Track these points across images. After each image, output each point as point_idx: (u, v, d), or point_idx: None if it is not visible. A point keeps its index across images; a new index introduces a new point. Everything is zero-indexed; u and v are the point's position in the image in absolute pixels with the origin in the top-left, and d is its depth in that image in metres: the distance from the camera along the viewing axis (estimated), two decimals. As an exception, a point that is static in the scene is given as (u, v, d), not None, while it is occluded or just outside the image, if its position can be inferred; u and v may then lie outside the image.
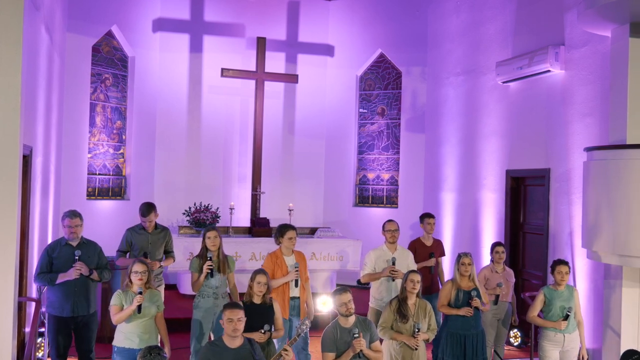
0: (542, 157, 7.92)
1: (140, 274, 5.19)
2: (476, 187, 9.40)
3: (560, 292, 5.97)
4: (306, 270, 6.32)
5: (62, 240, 5.72)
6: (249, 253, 9.19)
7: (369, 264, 6.46)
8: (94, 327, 5.80)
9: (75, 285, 5.58)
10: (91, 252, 5.74)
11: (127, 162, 10.66)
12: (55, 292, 5.61)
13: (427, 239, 7.44)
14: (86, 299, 5.67)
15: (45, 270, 5.59)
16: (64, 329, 5.64)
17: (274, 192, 11.09)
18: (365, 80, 11.76)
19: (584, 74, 7.27)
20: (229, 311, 4.63)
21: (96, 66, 10.14)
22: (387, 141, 11.58)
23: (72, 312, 5.60)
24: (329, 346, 5.02)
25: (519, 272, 8.35)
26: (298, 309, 6.15)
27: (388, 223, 6.61)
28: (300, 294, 6.16)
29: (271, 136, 11.15)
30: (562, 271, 5.93)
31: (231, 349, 4.59)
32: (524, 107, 8.35)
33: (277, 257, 6.15)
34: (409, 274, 5.66)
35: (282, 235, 6.18)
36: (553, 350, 5.93)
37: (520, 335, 7.65)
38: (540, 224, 8.02)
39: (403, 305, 5.60)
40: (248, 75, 10.55)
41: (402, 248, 6.62)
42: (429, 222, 7.46)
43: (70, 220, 5.65)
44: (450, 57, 10.33)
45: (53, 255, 5.62)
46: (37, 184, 7.16)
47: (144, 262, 5.36)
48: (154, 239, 6.44)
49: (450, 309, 5.92)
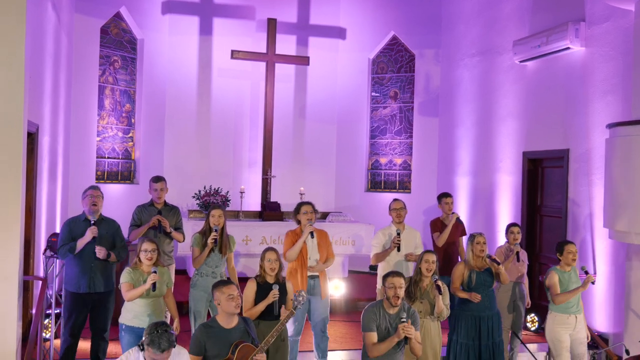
0: (560, 137, 7.70)
1: (150, 253, 5.07)
2: (492, 170, 9.19)
3: (569, 273, 5.77)
4: (329, 247, 6.11)
5: (81, 216, 5.66)
6: (260, 237, 9.04)
7: (377, 244, 6.30)
8: (110, 306, 5.70)
9: (92, 261, 5.49)
10: (110, 228, 5.67)
11: (137, 145, 10.53)
12: (73, 267, 5.54)
13: (446, 219, 7.25)
14: (104, 275, 5.58)
15: (67, 243, 5.51)
16: (80, 306, 5.54)
17: (284, 177, 10.91)
18: (378, 64, 11.54)
19: (605, 50, 7.03)
20: (226, 288, 4.40)
21: (105, 48, 10.00)
22: (400, 125, 11.37)
23: (88, 288, 5.50)
24: (370, 326, 4.68)
25: (536, 257, 8.15)
26: (319, 288, 5.96)
27: (393, 202, 6.48)
28: (319, 273, 5.99)
29: (282, 120, 10.97)
30: (572, 250, 5.72)
31: (227, 329, 4.40)
32: (541, 86, 8.12)
33: (296, 235, 5.97)
34: (424, 254, 5.45)
35: (298, 211, 6.02)
36: (566, 334, 5.73)
37: (537, 320, 7.45)
38: (558, 206, 7.80)
39: (413, 286, 5.40)
40: (258, 57, 10.37)
41: (410, 228, 6.45)
42: (447, 201, 7.28)
43: (93, 191, 5.63)
44: (465, 38, 10.10)
45: (72, 229, 5.55)
46: (44, 163, 7.04)
47: (153, 240, 5.23)
48: (164, 215, 6.34)
49: (462, 292, 5.73)
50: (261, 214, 9.83)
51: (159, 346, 3.65)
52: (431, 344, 5.36)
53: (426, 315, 5.38)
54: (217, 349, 4.33)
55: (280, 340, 5.03)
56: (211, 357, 4.33)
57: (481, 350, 5.68)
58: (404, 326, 4.56)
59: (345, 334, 7.23)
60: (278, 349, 5.03)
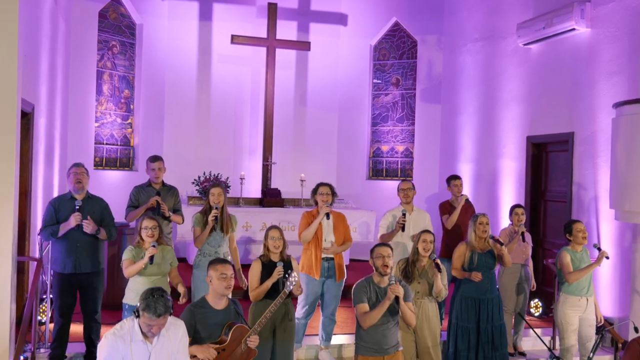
0: (565, 120, 7.58)
1: (151, 230, 4.97)
2: (495, 156, 9.07)
3: (581, 253, 5.67)
4: (347, 230, 6.00)
5: (67, 194, 5.50)
6: (260, 223, 8.91)
7: (384, 225, 6.18)
8: (99, 287, 5.58)
9: (77, 241, 5.36)
10: (96, 206, 5.51)
11: (135, 132, 10.41)
12: (58, 247, 5.41)
13: (455, 201, 7.14)
14: (90, 256, 5.44)
15: (50, 224, 5.38)
16: (67, 286, 5.42)
17: (285, 164, 10.77)
18: (380, 50, 11.41)
19: (611, 30, 6.90)
20: (220, 266, 4.22)
21: (103, 33, 9.88)
22: (402, 112, 11.25)
23: (73, 269, 5.37)
24: (361, 298, 4.63)
25: (540, 242, 8.03)
26: (333, 270, 5.84)
27: (402, 182, 6.38)
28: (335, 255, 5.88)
29: (283, 107, 10.84)
30: (582, 229, 5.61)
31: (218, 310, 4.25)
32: (546, 69, 7.99)
33: (312, 217, 5.86)
34: (422, 234, 5.33)
35: (316, 191, 5.91)
36: (575, 317, 5.64)
37: (541, 305, 7.34)
38: (562, 191, 7.68)
39: (411, 266, 5.29)
40: (259, 42, 10.23)
41: (419, 209, 6.33)
42: (456, 184, 7.15)
43: (77, 168, 5.46)
44: (468, 24, 9.97)
45: (57, 208, 5.40)
46: (40, 145, 6.93)
47: (154, 217, 5.12)
48: (162, 196, 6.20)
49: (463, 273, 5.61)
50: (261, 200, 9.72)
51: (155, 311, 3.52)
52: (429, 325, 5.25)
53: (424, 296, 5.27)
54: (208, 330, 4.20)
55: (288, 320, 4.94)
56: (203, 339, 4.18)
57: (480, 334, 5.56)
58: (392, 287, 4.49)
59: (346, 319, 7.13)
60: (286, 329, 4.93)
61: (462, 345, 5.56)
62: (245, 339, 4.25)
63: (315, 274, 5.74)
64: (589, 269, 5.55)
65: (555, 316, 5.76)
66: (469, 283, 5.60)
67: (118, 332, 3.64)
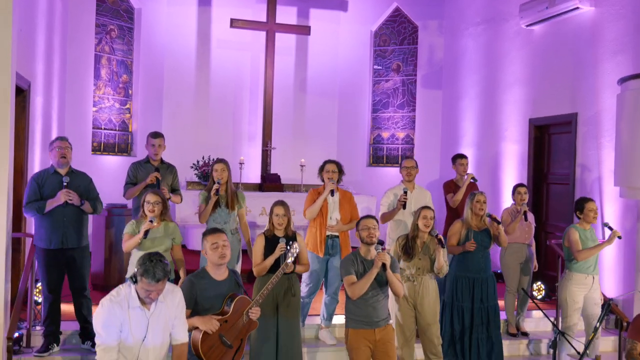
0: (568, 101, 7.48)
1: (152, 205, 4.86)
2: (497, 139, 8.98)
3: (589, 231, 5.58)
4: (354, 209, 5.88)
5: (51, 169, 5.33)
6: (260, 207, 8.83)
7: (385, 203, 6.07)
8: (86, 263, 5.45)
9: (64, 216, 5.22)
10: (80, 181, 5.35)
11: (134, 117, 10.31)
12: (44, 223, 5.24)
13: (460, 180, 7.04)
14: (76, 230, 5.31)
15: (34, 199, 5.21)
16: (53, 261, 5.28)
17: (285, 151, 10.67)
18: (380, 36, 11.31)
19: (615, 8, 6.81)
20: (210, 236, 4.15)
21: (101, 17, 9.77)
22: (403, 98, 11.15)
23: (60, 244, 5.24)
24: (348, 270, 4.56)
25: (542, 225, 7.95)
26: (338, 248, 5.75)
27: (405, 160, 6.22)
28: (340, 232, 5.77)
29: (282, 93, 10.75)
30: (593, 208, 5.54)
31: (218, 281, 4.18)
32: (549, 50, 7.89)
33: (318, 194, 5.78)
34: (422, 210, 5.21)
35: (322, 169, 5.83)
36: (581, 295, 5.56)
37: (544, 288, 7.25)
38: (565, 173, 7.60)
39: (411, 242, 5.20)
40: (258, 26, 10.14)
41: (421, 187, 6.22)
42: (462, 162, 7.05)
43: (61, 142, 5.27)
44: (469, 8, 9.87)
45: (40, 184, 5.24)
46: (37, 124, 6.84)
47: (157, 192, 5.01)
48: (161, 173, 6.05)
49: (457, 248, 5.52)
50: (261, 186, 9.63)
51: (153, 275, 3.44)
52: (429, 302, 5.15)
53: (425, 273, 5.17)
54: (209, 302, 4.12)
55: (291, 296, 4.87)
56: (204, 310, 4.11)
57: (474, 314, 5.46)
58: (379, 254, 4.45)
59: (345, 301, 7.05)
60: (289, 304, 4.86)
61: (457, 326, 5.47)
62: (247, 311, 4.17)
63: (320, 252, 5.66)
64: (599, 247, 5.47)
65: (559, 294, 5.67)
66: (463, 262, 5.50)
67: (115, 298, 3.55)
